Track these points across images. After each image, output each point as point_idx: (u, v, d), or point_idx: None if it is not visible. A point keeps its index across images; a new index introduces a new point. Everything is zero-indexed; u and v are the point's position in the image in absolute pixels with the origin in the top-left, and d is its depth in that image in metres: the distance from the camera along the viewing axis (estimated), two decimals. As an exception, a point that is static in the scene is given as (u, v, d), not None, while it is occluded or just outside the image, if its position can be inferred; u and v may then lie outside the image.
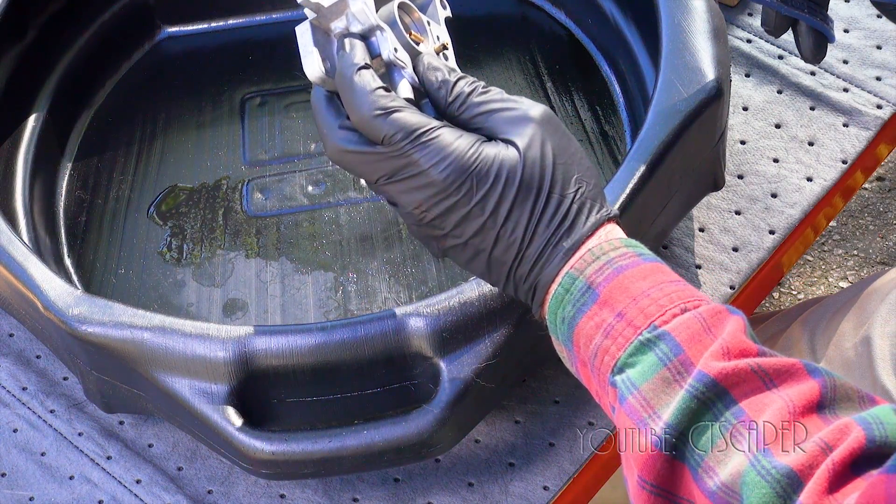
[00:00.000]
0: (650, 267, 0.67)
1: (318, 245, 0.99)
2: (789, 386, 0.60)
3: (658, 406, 0.62)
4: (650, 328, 0.64)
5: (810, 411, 0.59)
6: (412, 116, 0.69)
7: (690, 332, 0.63)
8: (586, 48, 1.10)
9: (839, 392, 0.60)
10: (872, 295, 0.96)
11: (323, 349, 0.80)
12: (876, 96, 1.06)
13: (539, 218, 0.69)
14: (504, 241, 0.69)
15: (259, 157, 1.06)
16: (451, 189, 0.68)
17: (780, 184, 1.01)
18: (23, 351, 0.96)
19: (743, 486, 0.57)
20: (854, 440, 0.55)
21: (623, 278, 0.66)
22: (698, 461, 0.60)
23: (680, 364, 0.62)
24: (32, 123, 1.06)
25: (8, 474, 0.90)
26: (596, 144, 1.03)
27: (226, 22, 1.16)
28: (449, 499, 0.86)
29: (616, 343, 0.65)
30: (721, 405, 0.60)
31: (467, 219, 0.69)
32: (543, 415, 0.89)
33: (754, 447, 0.58)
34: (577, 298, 0.67)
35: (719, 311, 0.64)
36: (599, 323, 0.66)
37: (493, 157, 0.68)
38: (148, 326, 0.81)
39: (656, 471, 0.62)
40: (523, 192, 0.68)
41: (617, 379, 0.64)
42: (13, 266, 0.86)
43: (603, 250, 0.68)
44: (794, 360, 0.61)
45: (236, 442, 0.79)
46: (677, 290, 0.65)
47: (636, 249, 0.68)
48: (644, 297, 0.65)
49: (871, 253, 1.93)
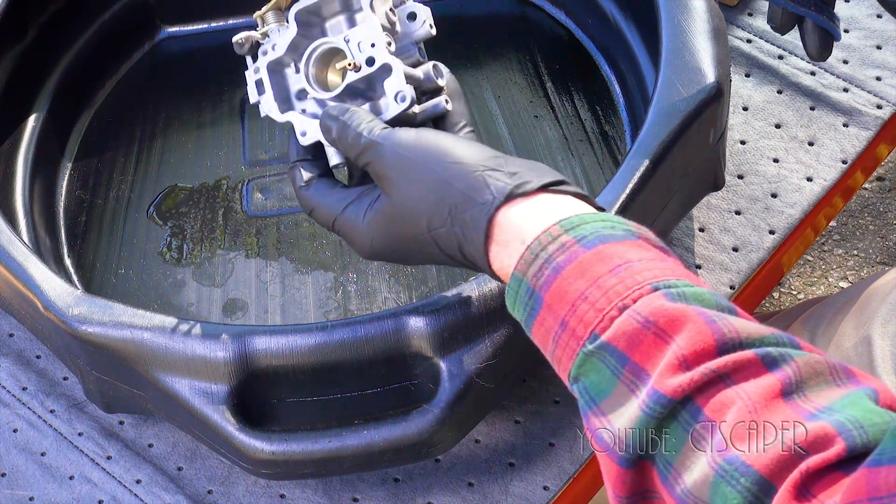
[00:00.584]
0: (589, 257, 0.65)
1: (318, 245, 0.99)
2: (747, 381, 0.58)
3: (618, 424, 0.61)
4: (591, 338, 0.63)
5: (774, 402, 0.57)
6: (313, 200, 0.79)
7: (630, 336, 0.61)
8: (586, 48, 1.10)
9: (806, 372, 0.59)
10: (873, 295, 0.96)
11: (323, 349, 0.80)
12: (876, 96, 1.06)
13: (437, 235, 0.73)
14: (435, 258, 0.75)
15: (259, 157, 1.06)
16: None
17: (780, 184, 1.01)
18: (23, 351, 0.96)
19: (713, 497, 0.57)
20: (834, 452, 0.54)
21: (561, 280, 0.65)
22: (667, 465, 0.60)
23: (631, 374, 0.61)
24: (32, 123, 1.06)
25: (8, 474, 0.90)
26: (596, 144, 1.03)
27: (226, 22, 1.16)
28: (449, 499, 0.86)
29: (566, 353, 0.64)
30: (685, 413, 0.59)
31: (403, 251, 0.76)
32: (543, 415, 0.89)
33: (716, 452, 0.57)
34: (526, 303, 0.67)
35: (663, 309, 0.61)
36: (548, 330, 0.65)
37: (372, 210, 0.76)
38: (148, 326, 0.81)
39: (627, 486, 0.62)
40: (418, 222, 0.73)
41: (575, 388, 0.64)
42: (13, 266, 0.86)
43: (541, 244, 0.66)
44: (751, 353, 0.59)
45: (236, 442, 0.79)
46: (616, 282, 0.63)
47: (576, 233, 0.66)
48: (582, 302, 0.64)
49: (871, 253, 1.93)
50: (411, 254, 0.75)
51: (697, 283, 0.64)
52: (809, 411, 0.57)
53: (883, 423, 0.55)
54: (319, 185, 0.79)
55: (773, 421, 0.57)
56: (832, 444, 0.55)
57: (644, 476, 0.61)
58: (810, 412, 0.57)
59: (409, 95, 0.78)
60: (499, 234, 0.69)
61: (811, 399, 0.58)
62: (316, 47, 0.82)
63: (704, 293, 0.63)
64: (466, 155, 0.72)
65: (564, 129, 1.05)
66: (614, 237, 0.66)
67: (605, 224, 0.67)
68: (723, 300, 0.63)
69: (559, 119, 1.05)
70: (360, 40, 0.80)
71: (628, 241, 0.66)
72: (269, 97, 0.83)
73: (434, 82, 0.80)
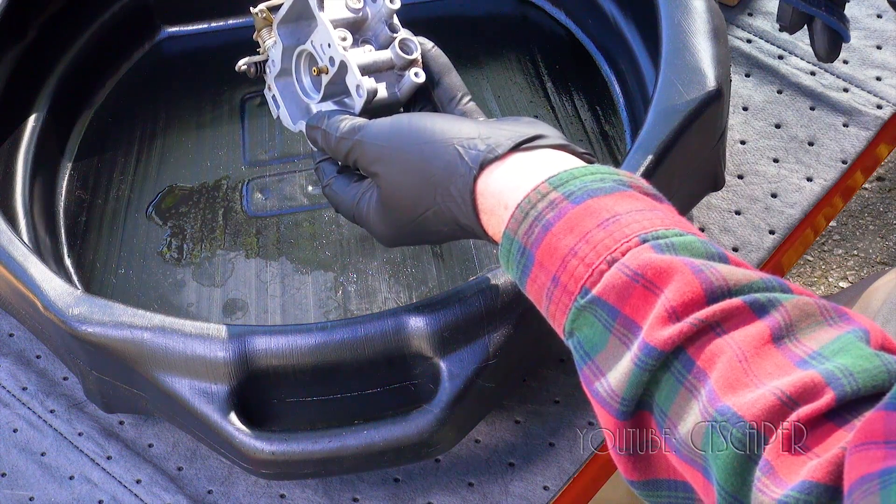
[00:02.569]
0: (578, 212, 0.65)
1: (318, 245, 0.99)
2: (737, 329, 0.59)
3: (612, 379, 0.62)
4: (582, 293, 0.64)
5: (765, 348, 0.58)
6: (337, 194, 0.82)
7: (619, 289, 0.62)
8: (586, 48, 1.10)
9: (795, 315, 0.59)
10: (873, 295, 0.96)
11: (323, 349, 0.80)
12: (876, 96, 1.06)
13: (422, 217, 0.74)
14: (443, 234, 0.76)
15: (259, 157, 1.06)
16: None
17: (780, 184, 1.01)
18: (23, 351, 0.96)
19: (706, 446, 0.57)
20: (824, 402, 0.54)
21: (551, 237, 0.66)
22: (662, 415, 0.60)
23: (623, 326, 0.62)
24: (32, 123, 1.06)
25: (8, 474, 0.90)
26: (596, 144, 1.03)
27: (226, 22, 1.16)
28: (449, 499, 0.86)
29: (559, 309, 0.65)
30: (678, 363, 0.60)
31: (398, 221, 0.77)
32: (543, 415, 0.89)
33: (708, 402, 0.57)
34: (518, 261, 0.68)
35: (651, 262, 0.62)
36: (541, 287, 0.66)
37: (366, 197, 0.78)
38: (148, 326, 0.81)
39: (626, 438, 0.62)
40: (405, 207, 0.75)
41: (570, 343, 0.65)
42: (13, 266, 0.86)
43: (531, 202, 0.67)
44: (738, 301, 0.59)
45: (236, 442, 0.79)
46: (605, 235, 0.64)
47: (565, 189, 0.67)
48: (572, 257, 0.64)
49: (871, 253, 1.93)
50: (422, 235, 0.77)
51: (688, 230, 0.65)
52: (800, 357, 0.57)
53: (873, 369, 0.55)
54: (338, 182, 0.81)
55: (763, 369, 0.57)
56: (822, 395, 0.55)
57: (643, 426, 0.62)
58: (801, 358, 0.57)
59: (366, 87, 0.79)
60: (483, 203, 0.71)
61: (802, 342, 0.58)
62: (299, 55, 0.85)
63: (694, 241, 0.63)
64: (441, 131, 0.73)
65: (564, 129, 1.05)
66: (603, 190, 0.66)
67: (594, 178, 0.67)
68: (712, 246, 0.63)
69: (559, 119, 1.05)
70: (321, 42, 0.82)
71: (617, 192, 0.66)
72: (283, 111, 0.87)
73: (403, 59, 0.81)
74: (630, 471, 0.64)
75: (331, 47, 0.81)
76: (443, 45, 0.85)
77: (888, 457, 0.48)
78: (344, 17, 0.82)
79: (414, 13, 0.88)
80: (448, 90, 0.82)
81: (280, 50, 0.86)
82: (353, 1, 0.82)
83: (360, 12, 0.82)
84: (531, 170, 0.69)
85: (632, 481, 0.64)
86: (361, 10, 0.82)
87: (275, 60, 0.87)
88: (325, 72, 0.82)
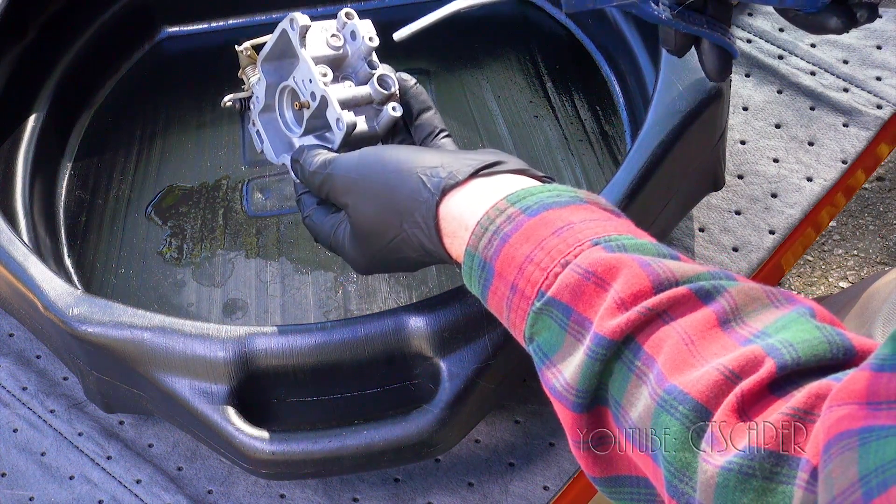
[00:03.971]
0: (534, 223, 0.68)
1: (317, 245, 0.99)
2: (683, 316, 0.60)
3: (567, 373, 0.63)
4: (538, 296, 0.66)
5: (711, 331, 0.59)
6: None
7: (573, 288, 0.64)
8: (586, 48, 1.10)
9: (741, 300, 0.61)
10: (874, 295, 0.96)
11: (323, 349, 0.80)
12: (876, 96, 1.06)
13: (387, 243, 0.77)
14: (415, 261, 0.78)
15: (259, 157, 1.06)
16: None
17: (780, 184, 1.01)
18: (23, 351, 0.96)
19: (655, 427, 0.59)
20: (765, 371, 0.56)
21: (508, 247, 0.68)
22: (617, 405, 0.62)
23: (577, 324, 0.64)
24: (32, 123, 1.06)
25: (8, 474, 0.90)
26: (596, 144, 1.03)
27: (226, 22, 1.16)
28: (449, 499, 0.86)
29: (518, 315, 0.67)
30: (628, 352, 0.61)
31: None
32: (543, 415, 0.89)
33: (656, 385, 0.59)
34: (479, 275, 0.70)
35: (601, 259, 0.64)
36: (501, 297, 0.69)
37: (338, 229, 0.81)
38: (148, 326, 0.81)
39: (584, 430, 0.64)
40: (376, 231, 0.77)
41: (531, 348, 0.67)
42: (13, 266, 0.86)
43: (490, 219, 0.70)
44: (684, 289, 0.61)
45: (236, 442, 0.79)
46: (558, 242, 0.66)
47: (522, 204, 0.69)
48: (528, 264, 0.67)
49: (871, 253, 1.93)
50: (393, 262, 0.79)
51: (641, 237, 0.67)
52: (745, 337, 0.59)
53: (813, 339, 0.57)
54: (316, 213, 0.84)
55: (709, 350, 0.59)
56: (762, 365, 0.56)
57: (601, 421, 0.63)
58: (746, 338, 0.59)
59: (346, 121, 0.82)
60: (446, 227, 0.73)
61: (748, 324, 0.60)
62: (282, 91, 0.88)
63: (646, 244, 0.65)
64: (406, 160, 0.76)
65: (564, 129, 1.05)
66: (559, 203, 0.69)
67: (550, 194, 0.70)
68: (665, 248, 0.65)
69: (559, 119, 1.05)
70: (303, 78, 0.85)
71: (573, 205, 0.69)
72: (267, 145, 0.90)
73: (382, 94, 0.83)
74: (591, 467, 0.65)
75: (312, 82, 0.84)
76: (443, 45, 0.85)
77: (869, 417, 0.48)
78: (325, 55, 0.84)
79: (414, 13, 0.88)
80: (426, 126, 0.84)
81: (264, 86, 0.89)
82: (334, 39, 0.85)
83: (341, 49, 0.85)
84: (490, 192, 0.72)
85: (594, 478, 0.66)
86: (342, 48, 0.85)
87: (259, 97, 0.89)
88: (306, 106, 0.85)
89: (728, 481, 0.54)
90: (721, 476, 0.54)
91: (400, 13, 0.90)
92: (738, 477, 0.53)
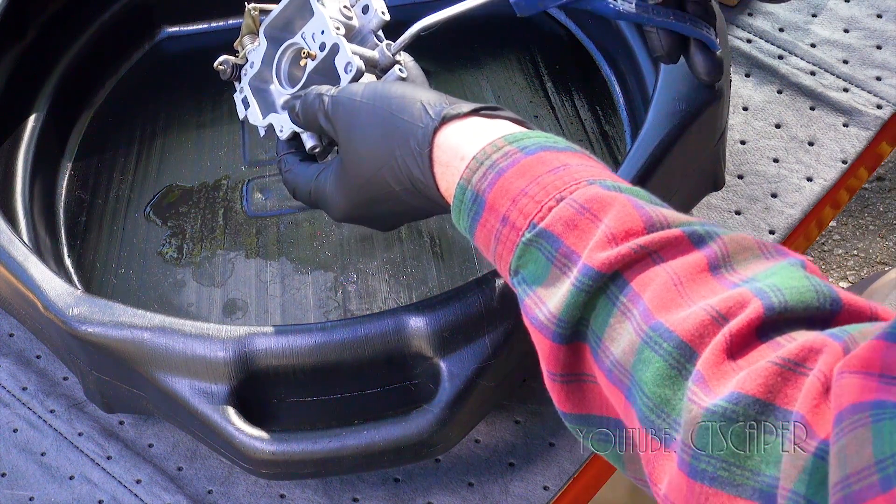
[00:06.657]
0: (531, 161, 0.68)
1: (318, 245, 0.99)
2: (674, 258, 0.61)
3: (551, 304, 0.63)
4: (530, 227, 0.66)
5: (700, 275, 0.59)
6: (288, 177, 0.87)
7: (566, 221, 0.64)
8: (586, 48, 1.10)
9: (733, 247, 0.61)
10: (874, 295, 0.96)
11: (323, 349, 0.80)
12: (876, 96, 1.06)
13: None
14: (393, 202, 0.79)
15: (259, 157, 1.06)
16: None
17: (780, 184, 1.01)
18: (23, 351, 0.96)
19: (636, 362, 0.59)
20: (752, 311, 0.56)
21: (503, 181, 0.68)
22: (597, 341, 0.62)
23: (564, 257, 0.64)
24: (32, 123, 1.06)
25: (8, 474, 0.90)
26: (596, 144, 1.03)
27: (226, 22, 1.16)
28: (449, 499, 0.86)
29: (506, 248, 0.67)
30: (614, 287, 0.61)
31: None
32: (543, 415, 0.89)
33: (641, 320, 0.59)
34: (470, 208, 0.70)
35: (598, 195, 0.65)
36: (490, 230, 0.69)
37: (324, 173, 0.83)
38: (148, 326, 0.81)
39: (560, 362, 0.64)
40: (363, 187, 0.79)
41: (515, 281, 0.67)
42: (13, 266, 0.86)
43: (486, 154, 0.70)
44: (677, 230, 0.62)
45: (236, 442, 0.79)
46: (554, 179, 0.67)
47: (519, 144, 0.70)
48: (522, 197, 0.67)
49: (871, 253, 1.93)
50: (373, 203, 0.79)
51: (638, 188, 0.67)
52: (734, 282, 0.59)
53: (801, 287, 0.57)
54: (298, 166, 0.86)
55: (697, 292, 0.59)
56: (749, 304, 0.56)
57: (578, 357, 0.64)
58: (734, 283, 0.59)
59: (356, 65, 0.83)
60: (440, 156, 0.73)
61: (738, 272, 0.60)
62: (284, 50, 0.89)
63: (640, 191, 0.66)
64: (411, 91, 0.78)
65: (564, 129, 1.05)
66: (556, 148, 0.70)
67: (547, 139, 0.71)
68: (658, 200, 0.66)
69: (559, 119, 1.05)
70: (313, 32, 0.86)
71: (569, 151, 0.70)
72: (254, 109, 0.90)
73: (389, 57, 0.85)
74: (563, 402, 0.65)
75: (324, 34, 0.85)
76: (443, 45, 0.85)
77: (881, 390, 0.48)
78: (338, 19, 0.86)
79: (414, 14, 0.88)
80: None
81: (262, 52, 0.89)
82: (346, 10, 0.86)
83: (351, 20, 0.86)
84: (489, 130, 0.73)
85: (564, 413, 0.66)
86: (352, 20, 0.86)
87: (254, 62, 0.90)
88: (312, 57, 0.85)
89: (712, 423, 0.54)
90: (705, 417, 0.54)
91: (400, 13, 0.90)
92: (722, 420, 0.53)
